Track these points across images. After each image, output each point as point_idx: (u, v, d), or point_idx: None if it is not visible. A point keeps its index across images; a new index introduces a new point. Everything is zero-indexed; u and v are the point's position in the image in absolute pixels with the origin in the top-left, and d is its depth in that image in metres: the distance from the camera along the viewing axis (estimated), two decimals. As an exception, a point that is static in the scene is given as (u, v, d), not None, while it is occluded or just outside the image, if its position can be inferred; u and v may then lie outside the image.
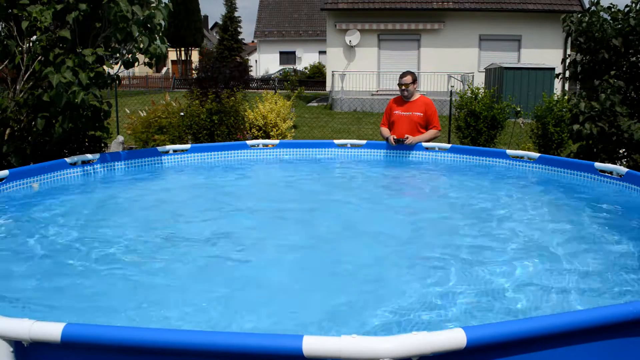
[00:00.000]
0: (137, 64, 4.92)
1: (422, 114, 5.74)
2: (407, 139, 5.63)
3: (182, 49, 43.19)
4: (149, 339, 1.56)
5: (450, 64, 21.46)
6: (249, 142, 5.83)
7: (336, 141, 5.97)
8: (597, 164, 4.58)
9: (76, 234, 3.34)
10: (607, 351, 1.77)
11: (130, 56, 4.83)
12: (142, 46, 4.64)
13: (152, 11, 4.56)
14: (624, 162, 6.01)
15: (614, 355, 1.78)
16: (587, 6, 6.75)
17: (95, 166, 4.81)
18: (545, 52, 21.19)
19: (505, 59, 21.24)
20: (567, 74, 6.75)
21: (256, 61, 43.66)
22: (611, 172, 4.43)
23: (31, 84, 4.63)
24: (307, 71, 38.49)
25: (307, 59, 41.75)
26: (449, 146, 5.68)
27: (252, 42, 48.03)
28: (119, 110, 11.06)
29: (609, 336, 1.75)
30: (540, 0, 21.75)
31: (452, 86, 12.31)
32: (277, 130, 9.80)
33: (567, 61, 6.95)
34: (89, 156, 4.78)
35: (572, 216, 3.86)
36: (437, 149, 5.68)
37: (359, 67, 22.21)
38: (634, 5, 6.06)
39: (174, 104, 9.59)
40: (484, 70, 20.95)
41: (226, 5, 37.24)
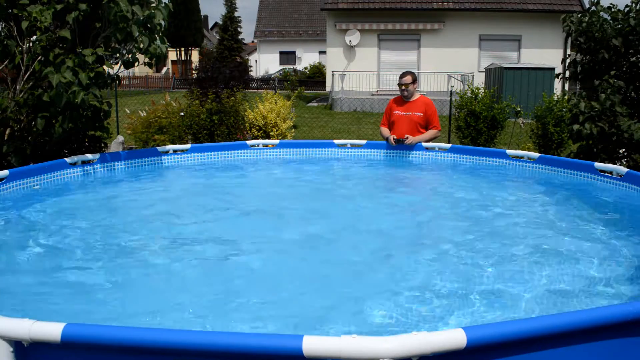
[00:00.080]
0: (137, 64, 4.92)
1: (422, 114, 5.74)
2: (407, 139, 5.63)
3: (182, 49, 43.20)
4: (149, 339, 1.56)
5: (450, 64, 21.46)
6: (249, 142, 5.83)
7: (336, 141, 5.97)
8: (597, 164, 4.59)
9: (76, 234, 3.34)
10: (607, 351, 1.77)
11: (130, 56, 4.83)
12: (142, 46, 4.64)
13: (152, 11, 4.57)
14: (624, 162, 6.01)
15: (614, 355, 1.78)
16: (587, 6, 6.75)
17: (95, 166, 4.81)
18: (545, 52, 21.20)
19: (505, 59, 21.24)
20: (567, 74, 6.75)
21: (256, 61, 43.66)
22: (611, 172, 4.43)
23: (31, 84, 4.63)
24: (307, 71, 38.49)
25: (307, 59, 41.75)
26: (449, 146, 5.68)
27: (252, 42, 48.05)
28: (119, 110, 11.06)
29: (609, 336, 1.75)
30: (540, 0, 21.75)
31: (452, 86, 12.31)
32: (277, 130, 9.80)
33: (567, 61, 6.95)
34: (89, 156, 4.78)
35: (572, 216, 3.86)
36: (437, 149, 5.68)
37: (359, 67, 22.21)
38: (634, 5, 6.06)
39: (174, 104, 9.59)
40: (484, 70, 20.95)
41: (226, 5, 37.26)
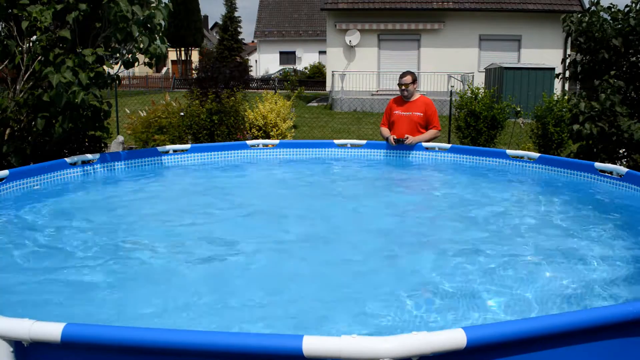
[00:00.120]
0: (137, 64, 4.92)
1: (422, 114, 5.74)
2: (407, 139, 5.63)
3: (182, 49, 43.19)
4: (149, 339, 1.56)
5: (450, 64, 21.46)
6: (249, 142, 5.83)
7: (336, 141, 5.97)
8: (597, 164, 4.59)
9: (76, 234, 3.34)
10: (607, 351, 1.77)
11: (130, 56, 4.83)
12: (142, 46, 4.64)
13: (152, 11, 4.57)
14: (624, 162, 6.01)
15: (614, 355, 1.78)
16: (587, 6, 6.75)
17: (95, 166, 4.81)
18: (545, 52, 21.19)
19: (505, 59, 21.24)
20: (567, 74, 6.75)
21: (256, 61, 43.65)
22: (611, 172, 4.43)
23: (31, 84, 4.63)
24: (307, 71, 38.49)
25: (307, 59, 41.74)
26: (449, 146, 5.68)
27: (252, 42, 48.04)
28: (119, 110, 11.06)
29: (609, 336, 1.75)
30: (540, 0, 21.75)
31: (452, 86, 12.31)
32: (277, 130, 9.80)
33: (567, 61, 6.95)
34: (89, 156, 4.78)
35: (572, 216, 3.86)
36: (437, 149, 5.68)
37: (359, 67, 22.21)
38: (634, 5, 6.06)
39: (174, 104, 9.59)
40: (484, 70, 20.95)
41: (226, 5, 37.25)
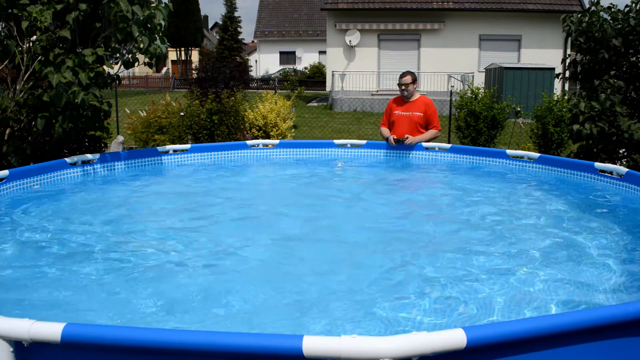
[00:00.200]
0: (137, 64, 4.92)
1: (422, 114, 5.74)
2: (407, 139, 5.63)
3: (182, 49, 43.20)
4: (149, 339, 1.56)
5: (450, 64, 21.46)
6: (249, 142, 5.83)
7: (336, 141, 5.97)
8: (597, 164, 4.58)
9: (76, 234, 3.34)
10: (607, 351, 1.77)
11: (130, 56, 4.83)
12: (142, 46, 4.64)
13: (152, 11, 4.56)
14: (624, 162, 6.01)
15: (614, 355, 1.78)
16: (587, 6, 6.74)
17: (95, 166, 4.81)
18: (545, 52, 21.20)
19: (505, 59, 21.24)
20: (567, 74, 6.75)
21: (256, 61, 43.65)
22: (611, 172, 4.43)
23: (31, 84, 4.63)
24: (307, 71, 38.49)
25: (307, 59, 41.74)
26: (449, 146, 5.68)
27: (252, 42, 48.04)
28: (119, 110, 11.07)
29: (609, 336, 1.75)
30: (540, 0, 21.75)
31: (452, 86, 12.32)
32: (277, 130, 9.80)
33: (567, 61, 6.95)
34: (89, 156, 4.78)
35: (572, 216, 3.85)
36: (437, 149, 5.68)
37: (359, 67, 22.21)
38: (634, 5, 6.06)
39: (174, 104, 9.59)
40: (484, 70, 20.95)
41: (226, 5, 37.20)
